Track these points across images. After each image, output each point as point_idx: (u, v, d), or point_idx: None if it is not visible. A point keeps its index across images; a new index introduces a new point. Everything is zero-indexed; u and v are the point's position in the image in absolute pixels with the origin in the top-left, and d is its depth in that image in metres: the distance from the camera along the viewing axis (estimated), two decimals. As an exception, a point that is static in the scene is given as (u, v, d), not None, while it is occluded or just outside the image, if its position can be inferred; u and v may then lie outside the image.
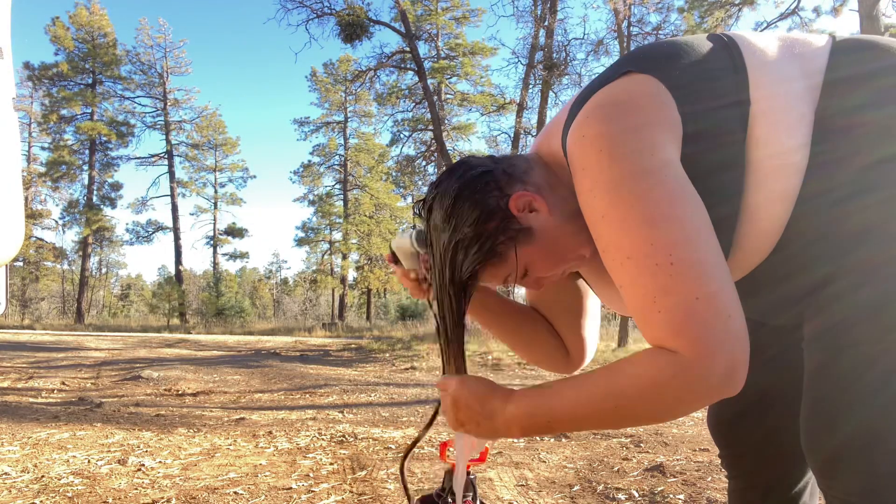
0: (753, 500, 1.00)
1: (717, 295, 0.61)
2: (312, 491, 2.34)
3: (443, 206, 0.78)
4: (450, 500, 0.97)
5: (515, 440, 3.26)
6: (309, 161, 30.73)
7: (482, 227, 0.76)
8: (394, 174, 27.57)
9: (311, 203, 30.68)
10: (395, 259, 0.96)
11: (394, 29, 16.58)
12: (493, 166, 0.80)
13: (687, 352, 0.60)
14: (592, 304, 1.01)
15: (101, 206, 28.65)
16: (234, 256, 32.58)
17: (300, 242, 30.85)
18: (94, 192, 28.55)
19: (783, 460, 0.97)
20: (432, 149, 19.43)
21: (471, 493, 0.97)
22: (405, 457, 0.99)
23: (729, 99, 0.71)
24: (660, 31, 14.05)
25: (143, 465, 2.70)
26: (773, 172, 0.71)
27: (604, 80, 0.75)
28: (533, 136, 16.26)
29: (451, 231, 0.77)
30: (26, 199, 26.40)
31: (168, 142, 29.46)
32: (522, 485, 2.41)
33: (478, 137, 34.58)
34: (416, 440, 0.99)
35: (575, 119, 0.73)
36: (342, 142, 30.43)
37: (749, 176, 0.71)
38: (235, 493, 2.30)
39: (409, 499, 0.95)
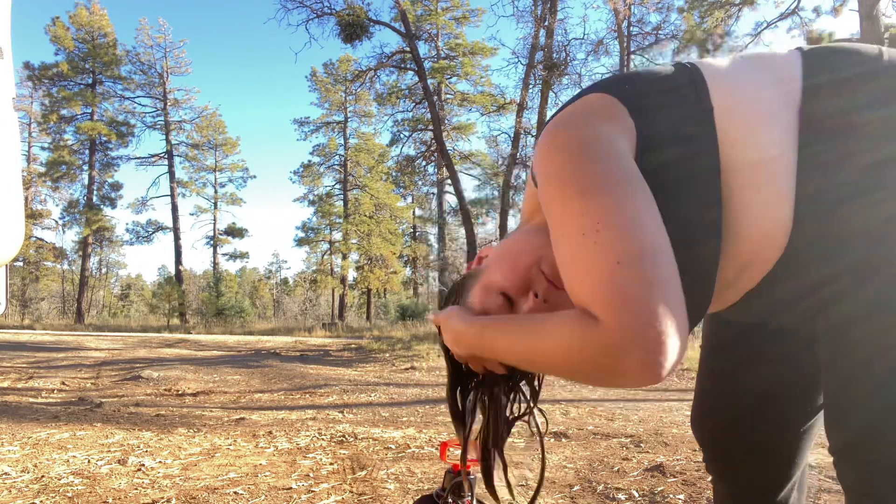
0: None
1: (642, 259, 0.57)
2: (312, 491, 2.34)
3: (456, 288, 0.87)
4: (450, 500, 0.97)
5: (515, 440, 3.26)
6: (309, 161, 30.77)
7: None
8: (394, 174, 27.59)
9: (311, 203, 30.71)
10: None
11: (394, 29, 16.59)
12: None
13: (604, 319, 0.56)
14: None
15: (101, 206, 28.69)
16: (234, 256, 32.61)
17: (300, 242, 30.86)
18: (94, 192, 28.58)
19: (773, 465, 0.97)
20: (432, 149, 19.44)
21: (470, 494, 0.97)
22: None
23: (689, 108, 0.73)
24: (660, 31, 14.05)
25: (143, 465, 2.70)
26: (758, 173, 0.72)
27: (565, 104, 0.78)
28: (533, 136, 16.27)
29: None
30: (26, 199, 26.41)
31: (168, 142, 29.48)
32: (522, 485, 2.41)
33: (478, 137, 34.64)
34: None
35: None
36: (342, 142, 30.45)
37: (731, 179, 0.72)
38: (235, 493, 2.30)
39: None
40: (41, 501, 2.18)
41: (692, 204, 0.71)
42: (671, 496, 2.23)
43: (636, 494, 2.27)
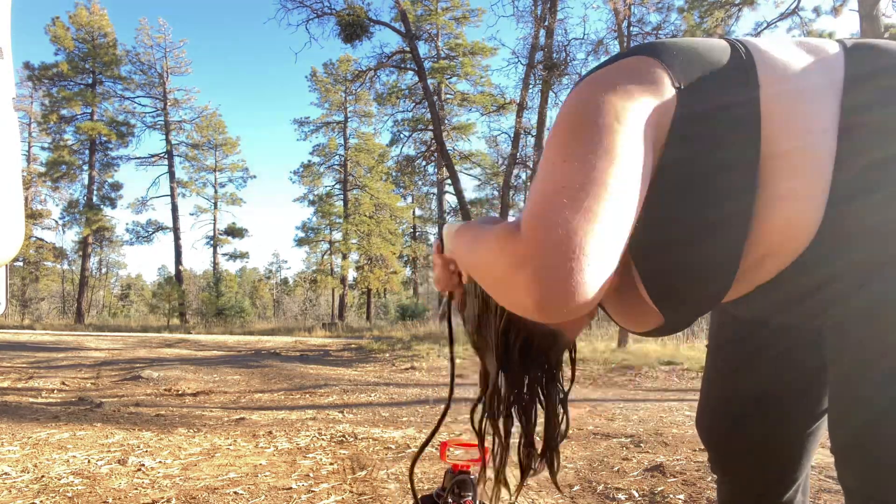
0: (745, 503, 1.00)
1: (588, 192, 0.55)
2: (312, 491, 2.34)
3: None
4: (450, 500, 0.97)
5: (515, 440, 3.26)
6: (309, 161, 30.74)
7: None
8: (394, 174, 27.58)
9: (311, 203, 30.68)
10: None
11: (394, 29, 16.58)
12: None
13: (522, 229, 0.56)
14: None
15: (101, 206, 28.67)
16: (234, 256, 32.59)
17: (300, 242, 30.85)
18: (94, 192, 28.57)
19: (777, 465, 0.96)
20: (432, 149, 19.43)
21: (470, 494, 0.97)
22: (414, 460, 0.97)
23: (736, 88, 0.70)
24: (660, 31, 14.05)
25: (143, 465, 2.70)
26: (795, 161, 0.70)
27: (603, 63, 0.74)
28: (533, 136, 16.26)
29: None
30: (26, 199, 26.40)
31: (168, 142, 29.47)
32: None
33: (478, 137, 34.65)
34: (425, 443, 0.97)
35: None
36: (342, 142, 30.43)
37: (768, 165, 0.70)
38: (235, 493, 2.30)
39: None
40: (41, 501, 2.18)
41: (726, 187, 0.68)
42: (671, 496, 2.23)
43: (636, 494, 2.27)
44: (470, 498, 0.97)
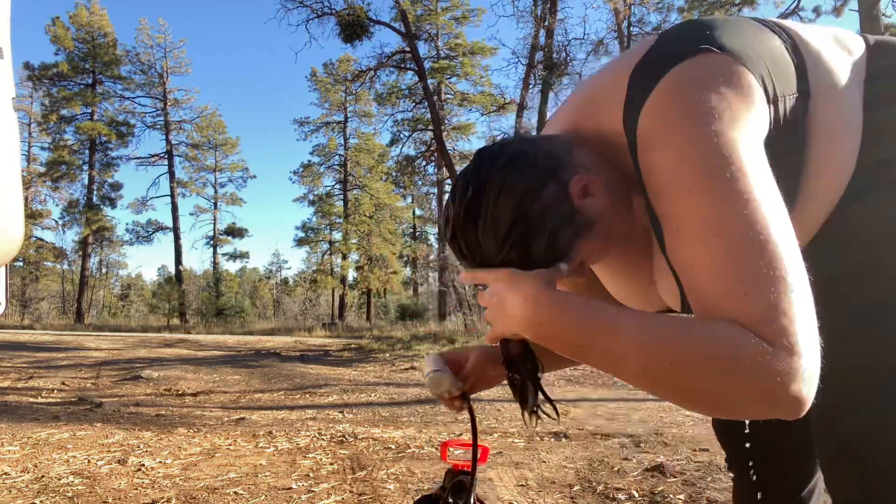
0: (760, 502, 0.99)
1: (804, 294, 0.55)
2: (312, 491, 2.34)
3: (496, 219, 0.66)
4: (450, 500, 0.96)
5: (515, 441, 3.26)
6: (309, 161, 30.76)
7: (552, 231, 0.67)
8: (394, 174, 27.56)
9: (311, 203, 30.70)
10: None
11: (394, 29, 16.59)
12: (532, 149, 0.70)
13: (774, 341, 0.52)
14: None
15: (101, 206, 28.71)
16: (234, 256, 32.62)
17: (300, 242, 30.86)
18: (94, 192, 28.59)
19: (791, 462, 0.96)
20: (432, 149, 19.44)
21: (464, 495, 0.97)
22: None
23: (795, 85, 0.69)
24: (660, 31, 14.09)
25: (143, 465, 2.70)
26: (823, 174, 0.70)
27: (676, 56, 0.67)
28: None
29: (504, 239, 0.67)
30: (26, 199, 26.40)
31: (168, 142, 29.48)
32: (522, 485, 2.41)
33: (478, 137, 34.61)
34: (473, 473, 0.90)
35: (652, 93, 0.66)
36: (342, 142, 30.44)
37: (807, 161, 0.69)
38: (235, 493, 2.30)
39: None
40: (41, 501, 2.18)
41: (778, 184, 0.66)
42: (671, 496, 2.23)
43: (636, 494, 2.27)
44: (463, 501, 0.96)
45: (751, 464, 0.99)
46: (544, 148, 0.71)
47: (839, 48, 0.74)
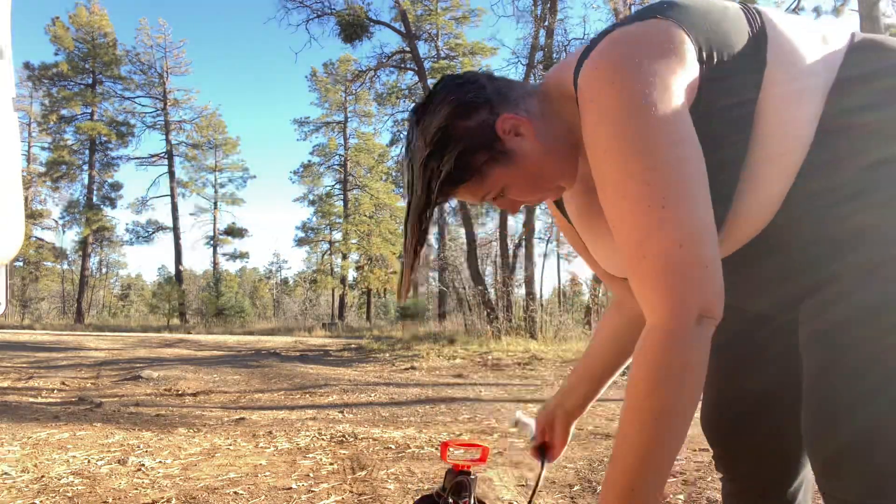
0: (750, 502, 1.00)
1: (699, 243, 0.63)
2: (312, 491, 2.34)
3: (430, 123, 0.78)
4: (450, 500, 0.97)
5: (515, 441, 3.26)
6: (309, 161, 30.77)
7: (466, 146, 0.76)
8: (394, 174, 27.60)
9: (311, 203, 30.70)
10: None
11: (394, 29, 16.60)
12: (488, 84, 0.80)
13: (663, 303, 0.63)
14: None
15: (101, 206, 28.71)
16: (234, 256, 32.61)
17: (300, 242, 30.88)
18: (94, 192, 28.59)
19: (781, 462, 0.96)
20: (432, 149, 19.36)
21: (466, 494, 0.97)
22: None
23: (748, 59, 0.71)
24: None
25: (143, 465, 2.70)
26: (779, 140, 0.71)
27: (626, 21, 0.74)
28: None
29: (432, 147, 0.77)
30: (26, 199, 26.40)
31: (168, 142, 29.48)
32: (522, 485, 2.41)
33: (478, 137, 34.56)
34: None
35: (590, 53, 0.73)
36: (342, 142, 30.44)
37: (754, 138, 0.71)
38: (235, 493, 2.30)
39: None
40: (41, 501, 2.18)
41: (720, 158, 0.70)
42: (671, 496, 2.23)
43: (636, 494, 2.27)
44: (466, 498, 0.96)
45: (742, 463, 0.99)
46: (499, 86, 0.80)
47: (815, 36, 0.75)
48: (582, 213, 0.91)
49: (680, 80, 0.67)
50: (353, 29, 15.52)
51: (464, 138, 0.76)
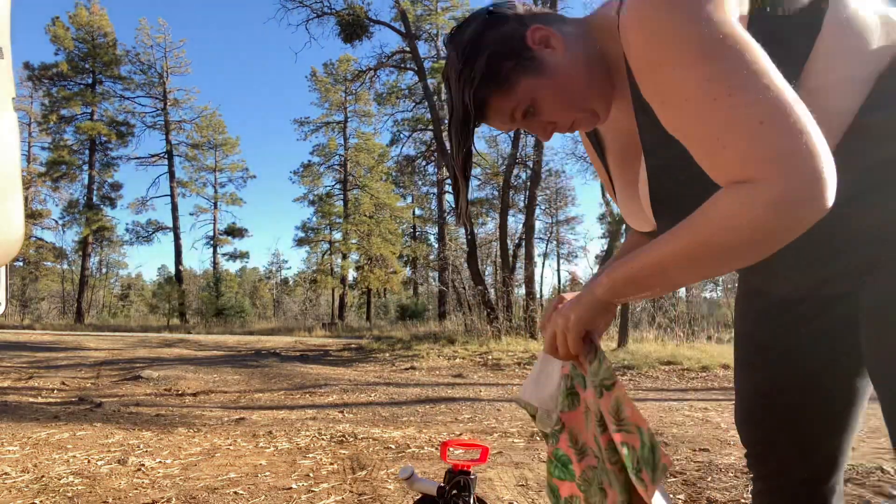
0: (780, 502, 0.96)
1: (783, 114, 0.58)
2: (312, 491, 2.34)
3: (463, 38, 0.80)
4: (450, 500, 0.97)
5: (515, 441, 3.26)
6: (309, 161, 30.72)
7: (494, 51, 0.77)
8: (394, 174, 27.60)
9: (311, 203, 30.67)
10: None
11: (394, 29, 16.59)
12: (521, 7, 0.82)
13: (763, 177, 0.58)
14: None
15: (101, 206, 28.67)
16: (234, 256, 32.58)
17: (300, 242, 30.84)
18: (94, 192, 28.56)
19: (813, 459, 0.93)
20: (432, 149, 19.44)
21: (466, 493, 0.97)
22: None
23: (805, 9, 0.68)
24: None
25: (143, 465, 2.71)
26: (828, 89, 0.69)
27: None
28: (533, 135, 16.26)
29: (465, 57, 0.79)
30: (26, 199, 26.40)
31: (168, 142, 29.46)
32: (522, 485, 2.41)
33: (477, 137, 34.52)
34: None
35: None
36: (342, 142, 30.41)
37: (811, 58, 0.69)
38: (235, 493, 2.30)
39: None
40: (41, 501, 2.18)
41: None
42: (671, 496, 2.23)
43: (636, 494, 2.27)
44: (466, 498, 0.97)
45: (772, 460, 0.95)
46: (537, 10, 0.82)
47: (881, 23, 0.71)
48: (616, 165, 0.92)
49: (732, 8, 0.64)
50: (353, 29, 15.51)
51: (493, 45, 0.78)
